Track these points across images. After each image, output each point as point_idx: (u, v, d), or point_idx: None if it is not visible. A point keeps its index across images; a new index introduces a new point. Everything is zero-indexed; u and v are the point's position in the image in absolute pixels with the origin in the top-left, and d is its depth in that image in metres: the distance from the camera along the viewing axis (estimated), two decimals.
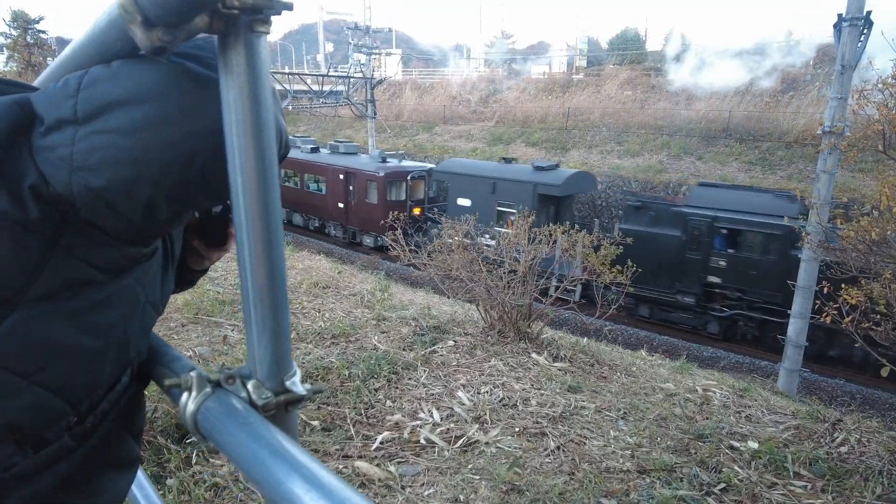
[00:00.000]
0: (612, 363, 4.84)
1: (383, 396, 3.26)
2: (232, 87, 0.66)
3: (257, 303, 0.73)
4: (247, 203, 0.70)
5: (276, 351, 0.76)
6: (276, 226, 0.72)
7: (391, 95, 34.61)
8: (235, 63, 0.65)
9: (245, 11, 0.63)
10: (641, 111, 23.32)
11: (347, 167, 19.07)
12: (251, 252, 0.71)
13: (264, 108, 0.68)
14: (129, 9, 0.61)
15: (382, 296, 6.06)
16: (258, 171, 0.69)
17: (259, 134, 0.68)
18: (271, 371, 0.76)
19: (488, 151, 25.08)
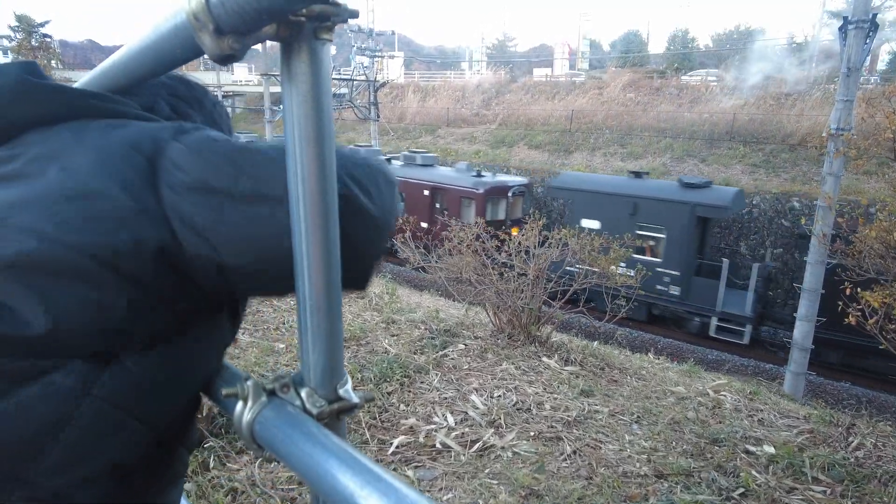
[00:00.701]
0: (621, 367, 4.83)
1: (397, 400, 3.26)
2: (295, 94, 0.66)
3: (314, 311, 0.73)
4: (306, 212, 0.69)
5: (330, 358, 0.75)
6: (334, 235, 0.72)
7: (394, 98, 34.67)
8: (300, 71, 0.65)
9: (311, 19, 0.63)
10: (644, 113, 23.34)
11: (434, 182, 16.70)
12: (309, 261, 0.71)
13: (326, 116, 0.68)
14: (202, 17, 0.61)
15: (390, 299, 6.05)
16: (319, 180, 0.69)
17: (321, 142, 0.68)
18: (324, 378, 0.76)
19: (491, 154, 25.10)
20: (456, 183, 16.19)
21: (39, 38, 27.03)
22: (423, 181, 16.79)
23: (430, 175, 17.01)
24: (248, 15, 0.58)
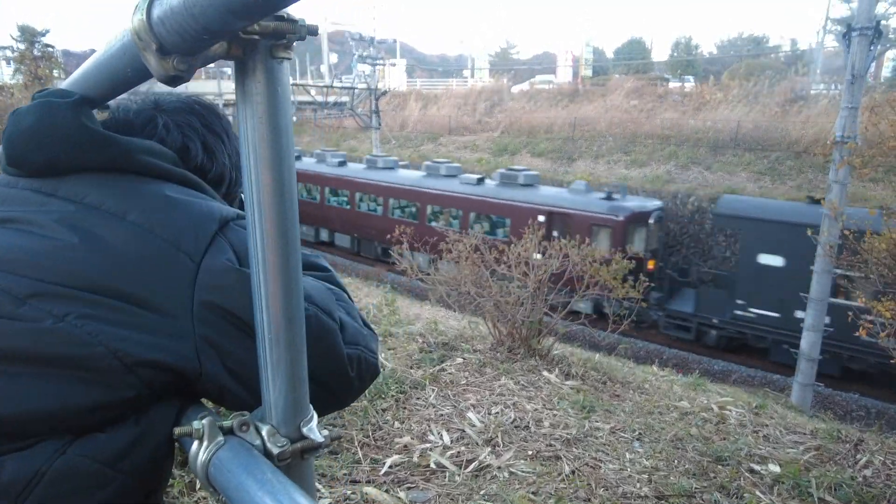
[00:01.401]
0: (624, 380, 4.75)
1: (391, 417, 3.18)
2: (250, 116, 0.61)
3: (273, 344, 0.67)
4: (263, 237, 0.64)
5: (293, 394, 0.70)
6: (296, 264, 0.66)
7: (396, 106, 34.75)
8: (255, 91, 0.60)
9: (266, 37, 0.57)
10: (648, 121, 23.30)
11: (551, 206, 14.03)
12: (267, 290, 0.65)
13: (285, 139, 0.62)
14: (144, 36, 0.55)
15: (389, 310, 5.99)
16: (277, 207, 0.63)
17: (279, 165, 0.62)
18: (287, 416, 0.70)
19: (493, 162, 25.07)
20: (583, 207, 13.54)
21: (42, 48, 27.15)
22: (534, 205, 14.20)
23: (541, 197, 14.51)
24: (188, 34, 0.53)
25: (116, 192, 0.78)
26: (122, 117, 0.93)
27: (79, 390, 0.68)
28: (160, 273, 0.73)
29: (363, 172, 18.69)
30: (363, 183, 18.39)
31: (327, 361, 0.83)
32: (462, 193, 15.80)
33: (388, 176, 18.04)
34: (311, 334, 0.80)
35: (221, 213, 0.82)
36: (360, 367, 0.87)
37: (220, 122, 1.03)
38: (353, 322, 0.90)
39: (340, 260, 18.08)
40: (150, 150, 0.84)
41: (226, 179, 1.01)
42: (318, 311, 0.82)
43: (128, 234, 0.74)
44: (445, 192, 16.23)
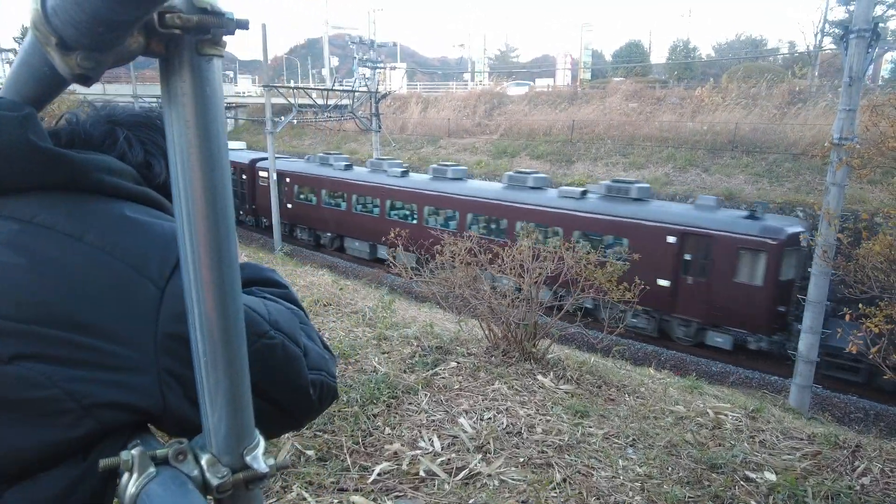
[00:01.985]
0: (619, 384, 4.70)
1: (382, 423, 3.14)
2: (177, 119, 0.56)
3: (211, 368, 0.62)
4: (195, 251, 0.59)
5: (234, 420, 0.65)
6: (232, 282, 0.62)
7: (396, 109, 34.74)
8: (181, 92, 0.55)
9: (189, 31, 0.53)
10: (647, 123, 23.27)
11: (684, 225, 12.10)
12: (201, 309, 0.61)
13: (216, 144, 0.58)
14: (41, 28, 0.51)
15: (385, 313, 5.95)
16: (210, 219, 0.59)
17: (210, 174, 0.58)
18: (228, 444, 0.65)
19: (493, 164, 25.06)
20: (727, 228, 11.70)
21: None
22: (660, 223, 12.31)
23: (666, 214, 12.61)
24: (82, 26, 0.48)
25: (71, 211, 0.73)
26: (79, 129, 0.89)
27: (23, 433, 0.63)
28: (121, 300, 0.69)
29: (431, 184, 16.95)
30: (433, 196, 16.55)
31: (292, 388, 0.82)
32: (561, 209, 13.79)
33: (462, 188, 16.22)
34: (278, 362, 0.80)
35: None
36: (321, 391, 0.87)
37: (161, 133, 0.99)
38: (316, 346, 0.90)
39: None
40: (109, 167, 0.79)
41: None
42: (284, 338, 0.81)
43: (85, 257, 0.69)
44: (540, 208, 14.17)
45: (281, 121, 21.92)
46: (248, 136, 39.43)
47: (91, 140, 0.86)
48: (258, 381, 0.82)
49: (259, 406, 0.84)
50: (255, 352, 0.81)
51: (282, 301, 0.99)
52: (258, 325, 0.81)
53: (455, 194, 16.17)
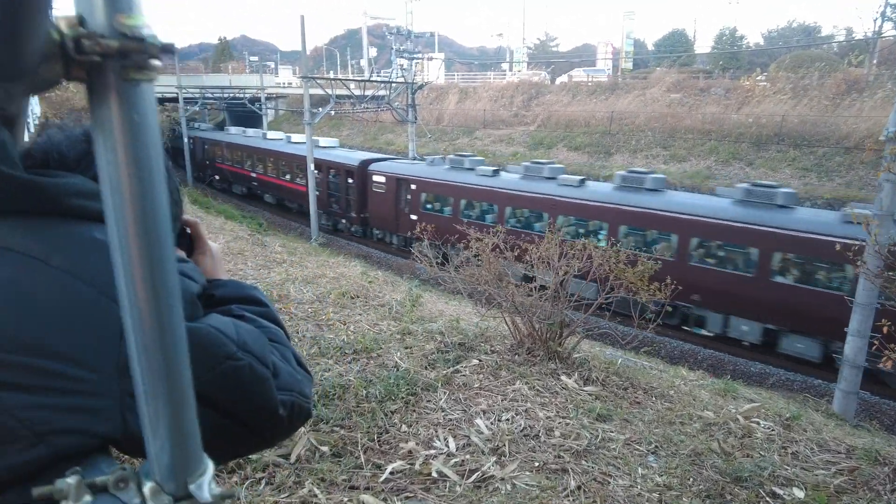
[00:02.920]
0: (647, 386, 4.58)
1: (399, 420, 3.14)
2: (105, 147, 0.54)
3: (150, 398, 0.61)
4: (131, 284, 0.57)
5: (178, 449, 0.63)
6: (171, 310, 0.60)
7: (433, 100, 34.69)
8: (107, 118, 0.53)
9: (110, 58, 0.51)
10: (689, 115, 22.59)
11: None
12: (140, 341, 0.59)
13: (148, 173, 0.55)
14: None
15: (412, 307, 5.95)
16: (144, 247, 0.57)
17: (143, 204, 0.56)
18: (172, 471, 0.63)
19: (529, 155, 24.78)
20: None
21: None
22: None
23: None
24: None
25: (39, 235, 0.73)
26: (53, 150, 0.88)
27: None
28: (85, 323, 0.69)
29: (550, 187, 14.43)
30: (564, 202, 14.07)
31: (260, 409, 0.83)
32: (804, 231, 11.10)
33: (602, 193, 13.74)
34: (245, 383, 0.80)
35: None
36: (292, 411, 0.88)
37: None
38: (287, 366, 0.90)
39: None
40: (79, 190, 0.79)
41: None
42: (252, 359, 0.81)
43: (50, 280, 0.69)
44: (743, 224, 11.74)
45: (319, 112, 22.14)
46: (287, 126, 40.02)
47: (65, 161, 0.85)
48: (225, 402, 0.81)
49: (227, 426, 0.84)
50: (221, 373, 0.80)
51: (259, 319, 0.98)
52: (225, 346, 0.80)
53: (593, 202, 13.50)
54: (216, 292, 1.03)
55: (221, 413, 0.81)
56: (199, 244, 1.11)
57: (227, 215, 16.77)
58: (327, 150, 22.56)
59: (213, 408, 0.80)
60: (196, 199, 18.90)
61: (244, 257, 7.38)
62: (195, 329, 0.79)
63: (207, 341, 0.79)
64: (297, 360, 0.98)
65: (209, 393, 0.79)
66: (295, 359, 0.97)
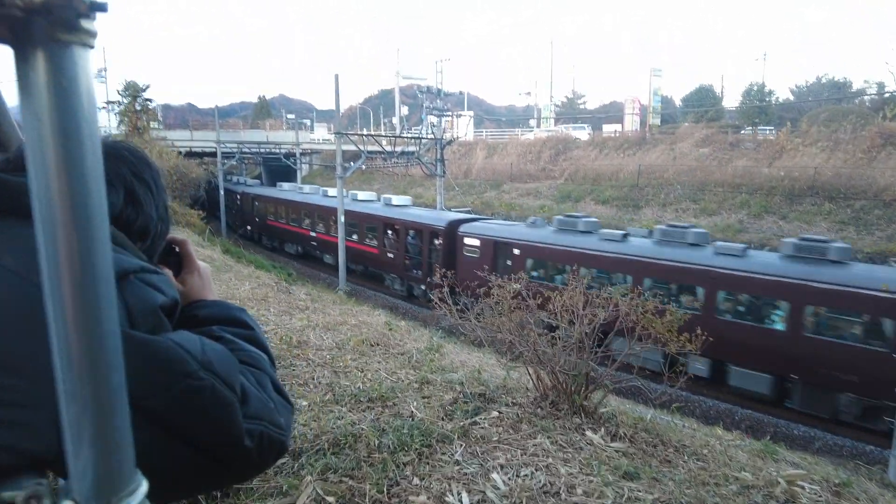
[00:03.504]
0: (679, 444, 4.31)
1: (411, 473, 2.97)
2: (29, 114, 0.49)
3: (72, 399, 0.54)
4: (54, 266, 0.51)
5: (103, 464, 0.56)
6: (101, 299, 0.54)
7: (461, 155, 35.35)
8: (32, 82, 0.49)
9: (35, 14, 0.47)
10: (719, 169, 22.44)
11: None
12: (61, 333, 0.53)
13: (77, 143, 0.51)
14: None
15: (432, 356, 5.81)
16: (71, 226, 0.51)
17: (71, 177, 0.51)
18: (96, 489, 0.56)
19: (556, 209, 24.80)
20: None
21: (142, 102, 29.85)
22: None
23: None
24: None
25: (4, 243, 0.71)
26: None
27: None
28: (29, 327, 0.64)
29: (704, 256, 12.49)
30: (725, 275, 12.02)
31: (222, 435, 0.76)
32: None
33: (773, 265, 11.69)
34: (206, 406, 0.74)
35: (121, 264, 0.74)
36: (261, 442, 0.80)
37: (150, 172, 0.97)
38: (260, 394, 0.83)
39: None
40: None
41: (150, 232, 0.95)
42: (216, 381, 0.75)
43: (8, 298, 0.67)
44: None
45: (351, 166, 22.70)
46: (320, 180, 41.14)
47: None
48: (183, 426, 0.74)
49: (186, 454, 0.76)
50: (179, 393, 0.73)
51: (238, 342, 0.92)
52: (185, 364, 0.74)
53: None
54: (199, 313, 0.98)
55: (179, 438, 0.74)
56: (187, 263, 1.07)
57: (256, 264, 17.02)
58: (404, 210, 20.63)
59: (169, 432, 0.73)
60: (228, 248, 19.27)
61: (267, 303, 7.39)
62: (152, 342, 0.72)
63: (165, 356, 0.73)
64: (276, 388, 0.90)
65: (165, 414, 0.72)
66: (274, 387, 0.90)
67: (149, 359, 0.71)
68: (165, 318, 0.79)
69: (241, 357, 0.88)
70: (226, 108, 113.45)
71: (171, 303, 0.82)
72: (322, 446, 3.19)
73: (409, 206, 21.70)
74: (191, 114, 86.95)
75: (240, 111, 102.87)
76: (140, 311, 0.73)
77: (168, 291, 0.81)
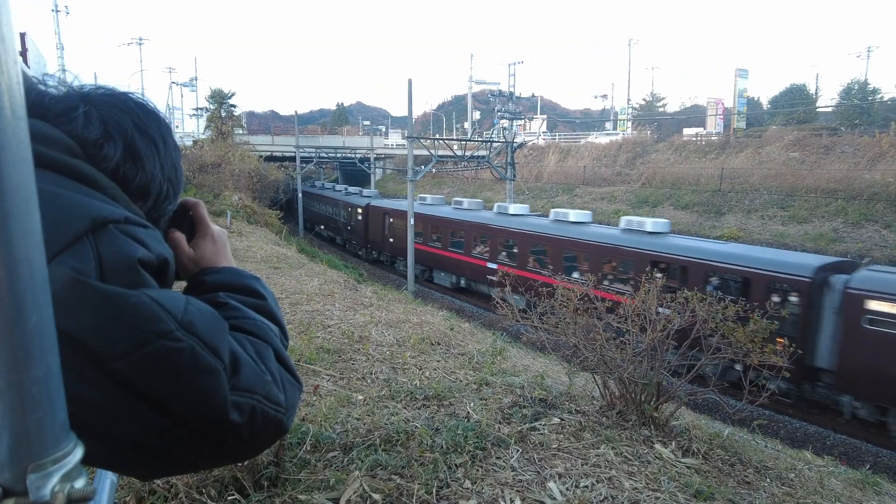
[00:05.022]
0: (760, 465, 3.92)
1: (462, 475, 2.83)
2: None
3: None
4: None
5: (18, 422, 0.46)
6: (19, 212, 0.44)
7: (533, 159, 34.91)
8: None
9: None
10: (811, 174, 20.85)
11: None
12: None
13: None
14: None
15: (494, 358, 5.64)
16: None
17: None
18: (11, 455, 0.46)
19: (632, 213, 23.93)
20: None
21: (227, 109, 31.53)
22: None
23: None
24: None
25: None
26: (38, 101, 0.81)
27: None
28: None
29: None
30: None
31: (201, 406, 0.67)
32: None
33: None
34: (183, 372, 0.65)
35: (101, 212, 0.67)
36: (253, 419, 0.71)
37: (158, 127, 0.89)
38: (256, 365, 0.73)
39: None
40: (34, 133, 0.71)
41: (152, 192, 0.86)
42: (197, 344, 0.66)
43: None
44: None
45: (421, 170, 22.90)
46: (392, 184, 41.88)
47: (46, 113, 0.79)
48: (155, 391, 0.64)
49: (166, 426, 0.66)
50: (151, 353, 0.63)
51: (243, 309, 0.82)
52: (159, 322, 0.64)
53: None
54: (208, 278, 0.89)
55: (151, 406, 0.64)
56: (200, 227, 0.98)
57: (330, 264, 17.43)
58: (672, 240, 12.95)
59: (140, 397, 0.63)
60: (303, 247, 19.85)
61: (333, 298, 7.47)
62: (120, 295, 0.63)
63: (136, 312, 0.63)
64: (283, 362, 0.80)
65: (135, 377, 0.63)
66: (280, 361, 0.79)
67: (116, 314, 0.62)
68: (149, 275, 0.69)
69: (243, 325, 0.78)
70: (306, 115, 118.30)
71: (158, 260, 0.72)
72: (374, 442, 3.12)
73: (670, 233, 14.14)
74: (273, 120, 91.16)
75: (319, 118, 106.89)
76: (113, 263, 0.65)
77: (154, 247, 0.72)
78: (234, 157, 23.37)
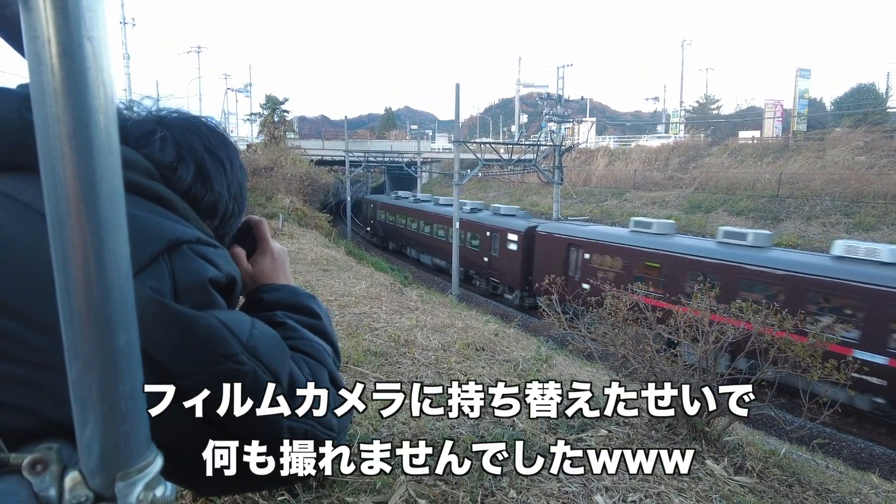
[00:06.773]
0: (821, 486, 3.75)
1: (507, 484, 2.82)
2: (32, 34, 0.45)
3: (73, 358, 0.48)
4: (63, 212, 0.46)
5: (109, 434, 0.50)
6: (115, 247, 0.48)
7: (582, 162, 34.42)
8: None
9: None
10: (880, 179, 19.75)
11: None
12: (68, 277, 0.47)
13: (83, 68, 0.45)
14: None
15: (539, 366, 5.59)
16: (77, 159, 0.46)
17: (79, 115, 0.45)
18: (102, 464, 0.50)
19: (685, 219, 23.27)
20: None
21: (280, 114, 32.46)
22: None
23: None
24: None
25: None
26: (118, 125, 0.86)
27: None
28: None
29: None
30: None
31: (260, 430, 0.71)
32: None
33: None
34: (245, 394, 0.69)
35: (175, 233, 0.71)
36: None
37: (226, 149, 0.93)
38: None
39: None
40: None
41: (219, 211, 0.90)
42: (259, 368, 0.70)
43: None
44: None
45: (467, 173, 22.94)
46: (438, 188, 42.09)
47: (128, 137, 0.83)
48: (216, 412, 0.68)
49: None
50: (217, 375, 0.67)
51: (301, 329, 0.85)
52: (226, 345, 0.67)
53: None
54: (266, 296, 0.93)
55: (214, 425, 0.68)
56: (261, 244, 1.02)
57: (377, 267, 17.69)
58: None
59: (204, 416, 0.67)
60: (351, 250, 20.21)
61: (380, 301, 7.58)
62: (192, 316, 0.66)
63: (206, 334, 0.67)
64: (335, 384, 0.82)
65: (197, 395, 0.67)
66: (333, 383, 0.82)
67: (187, 335, 0.66)
68: (219, 295, 0.73)
69: (299, 346, 0.81)
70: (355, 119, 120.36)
71: (227, 280, 0.76)
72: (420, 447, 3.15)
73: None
74: (324, 125, 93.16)
75: (367, 122, 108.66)
76: (187, 283, 0.68)
77: (224, 267, 0.76)
78: (286, 161, 24.03)
